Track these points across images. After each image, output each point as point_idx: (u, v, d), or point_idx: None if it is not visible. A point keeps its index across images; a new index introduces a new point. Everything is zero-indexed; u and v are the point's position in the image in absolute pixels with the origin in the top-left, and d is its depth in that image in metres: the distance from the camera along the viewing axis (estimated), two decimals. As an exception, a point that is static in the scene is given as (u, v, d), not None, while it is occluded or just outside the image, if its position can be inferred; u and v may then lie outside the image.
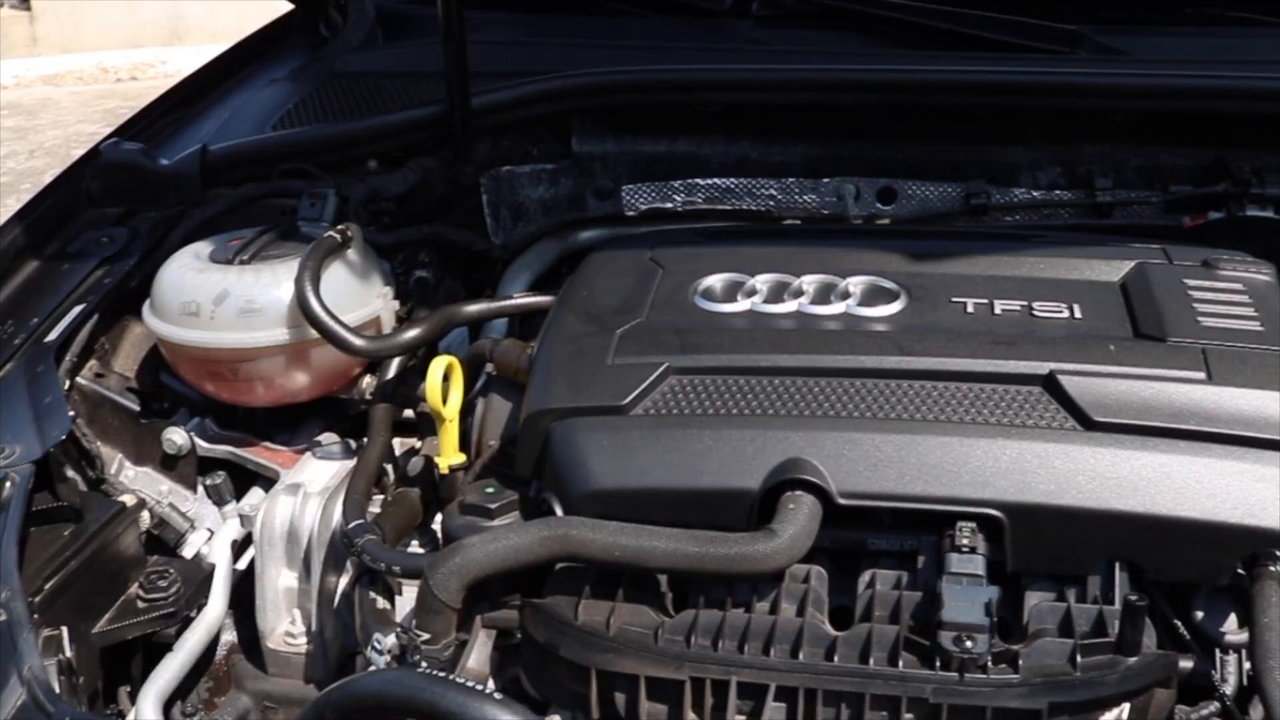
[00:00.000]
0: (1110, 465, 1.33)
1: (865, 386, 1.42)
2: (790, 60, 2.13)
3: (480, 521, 1.50)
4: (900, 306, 1.55)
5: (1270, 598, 1.29)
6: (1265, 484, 1.33)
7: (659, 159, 2.18)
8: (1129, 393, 1.38)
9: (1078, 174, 2.09)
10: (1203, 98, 2.01)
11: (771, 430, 1.38)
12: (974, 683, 1.25)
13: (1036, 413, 1.38)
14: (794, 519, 1.32)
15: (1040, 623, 1.32)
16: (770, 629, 1.31)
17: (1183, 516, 1.31)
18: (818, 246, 1.71)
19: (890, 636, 1.29)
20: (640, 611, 1.36)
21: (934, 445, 1.35)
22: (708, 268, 1.65)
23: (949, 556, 1.31)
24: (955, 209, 2.09)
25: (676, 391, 1.45)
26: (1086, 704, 1.26)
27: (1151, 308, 1.51)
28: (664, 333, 1.52)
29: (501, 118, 2.11)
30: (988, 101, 2.03)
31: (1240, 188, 2.01)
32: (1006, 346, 1.44)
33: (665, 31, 2.38)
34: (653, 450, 1.39)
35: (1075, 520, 1.32)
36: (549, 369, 1.52)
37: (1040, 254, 1.64)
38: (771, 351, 1.47)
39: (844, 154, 2.14)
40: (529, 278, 2.14)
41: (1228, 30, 2.30)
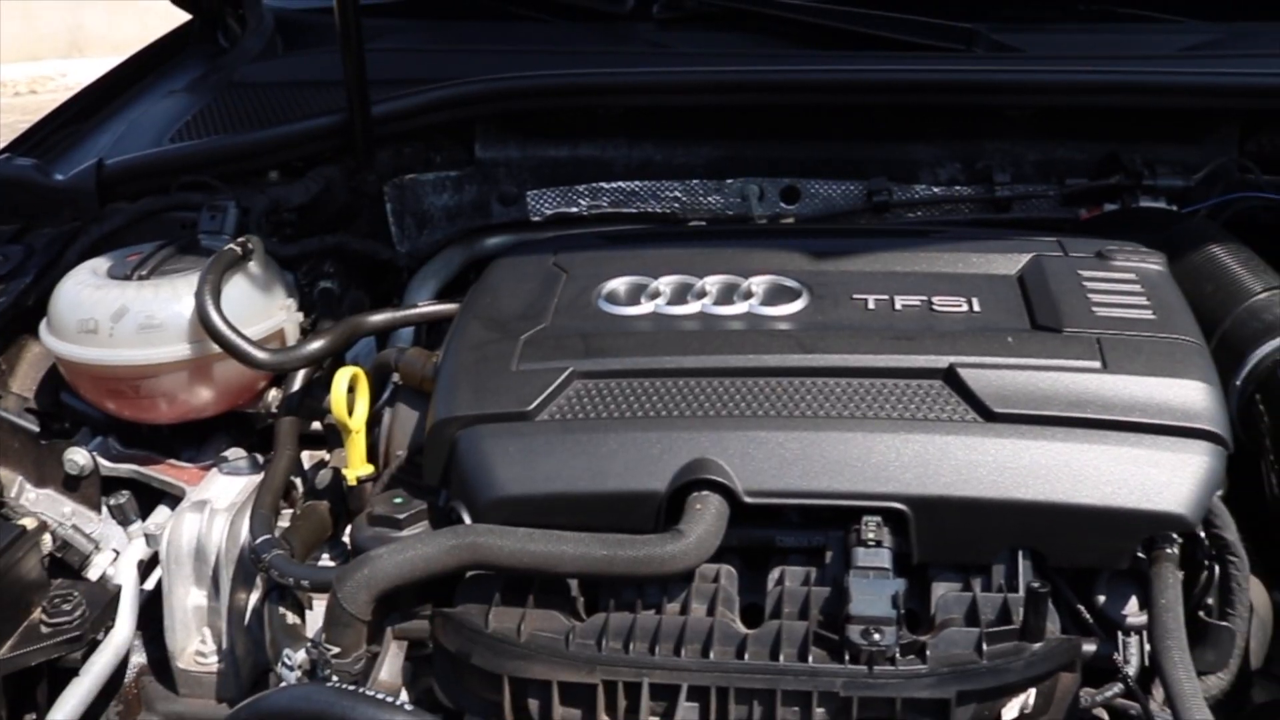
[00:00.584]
0: (1010, 455, 1.35)
1: (769, 385, 1.43)
2: (691, 62, 2.14)
3: (389, 532, 1.49)
4: (802, 305, 1.56)
5: (1167, 579, 1.33)
6: (1160, 469, 1.35)
7: (563, 164, 2.18)
8: (1027, 383, 1.40)
9: (977, 169, 2.13)
10: (1096, 92, 2.05)
11: (677, 431, 1.39)
12: (883, 675, 1.26)
13: (938, 406, 1.40)
14: (701, 519, 1.32)
15: (947, 613, 1.34)
16: (681, 629, 1.32)
17: (1082, 503, 1.34)
18: (721, 247, 1.71)
19: (800, 632, 1.30)
20: (551, 617, 1.36)
21: (838, 441, 1.37)
22: (611, 271, 1.65)
23: (855, 551, 1.32)
24: (858, 207, 2.12)
25: (581, 396, 1.45)
26: (993, 691, 1.28)
27: (1047, 299, 1.53)
28: (568, 337, 1.52)
29: (403, 125, 2.10)
30: (887, 100, 2.06)
31: (1133, 180, 2.06)
32: (907, 341, 1.46)
33: (567, 36, 2.38)
34: (559, 455, 1.39)
35: (978, 511, 1.34)
36: (453, 377, 1.51)
37: (939, 249, 1.66)
38: (675, 353, 1.47)
39: (747, 155, 2.16)
40: (435, 286, 2.13)
41: (1119, 26, 2.35)
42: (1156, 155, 2.10)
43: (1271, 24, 2.33)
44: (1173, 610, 1.30)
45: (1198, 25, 2.32)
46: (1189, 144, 2.12)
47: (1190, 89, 2.06)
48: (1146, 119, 2.12)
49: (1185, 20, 2.34)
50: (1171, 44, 2.24)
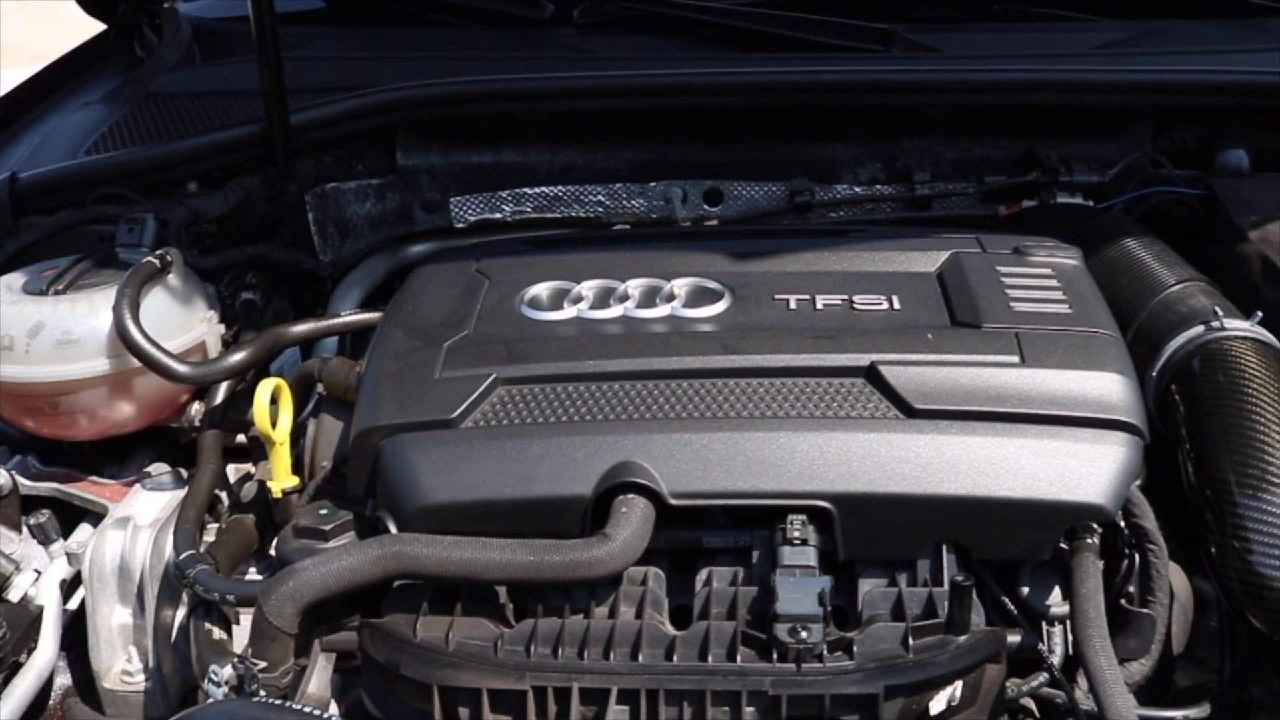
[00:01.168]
0: (932, 451, 1.36)
1: (693, 387, 1.44)
2: (613, 67, 2.14)
3: (315, 544, 1.47)
4: (725, 306, 1.57)
5: (1088, 569, 1.35)
6: (1079, 460, 1.38)
7: (486, 170, 2.18)
8: (947, 379, 1.42)
9: (897, 168, 2.15)
10: (1012, 90, 2.08)
11: (601, 435, 1.39)
12: (811, 672, 1.27)
13: (860, 404, 1.41)
14: (627, 522, 1.33)
15: (873, 609, 1.35)
16: (609, 633, 1.32)
17: (1004, 497, 1.35)
18: (644, 250, 1.72)
19: (728, 632, 1.31)
20: (479, 624, 1.36)
21: (762, 441, 1.37)
22: (534, 277, 1.65)
23: (781, 550, 1.33)
24: (781, 207, 2.13)
25: (505, 402, 1.44)
26: (920, 684, 1.29)
27: (966, 296, 1.55)
28: (491, 344, 1.52)
29: (323, 134, 2.09)
30: (807, 101, 2.07)
31: (1050, 176, 2.09)
32: (828, 340, 1.47)
33: (488, 42, 2.38)
34: (484, 462, 1.39)
35: (901, 506, 1.35)
36: (376, 386, 1.50)
37: (860, 249, 1.68)
38: (598, 357, 1.47)
39: (670, 158, 2.16)
40: (359, 294, 2.12)
41: (1034, 26, 2.39)
42: (1072, 152, 2.13)
43: (1181, 22, 2.37)
44: (1093, 599, 1.32)
45: (1109, 24, 2.36)
46: (1104, 140, 2.16)
47: (1104, 86, 2.10)
48: (1062, 116, 2.15)
49: (1097, 19, 2.37)
50: (1084, 42, 2.28)
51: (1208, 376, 1.57)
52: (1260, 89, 2.08)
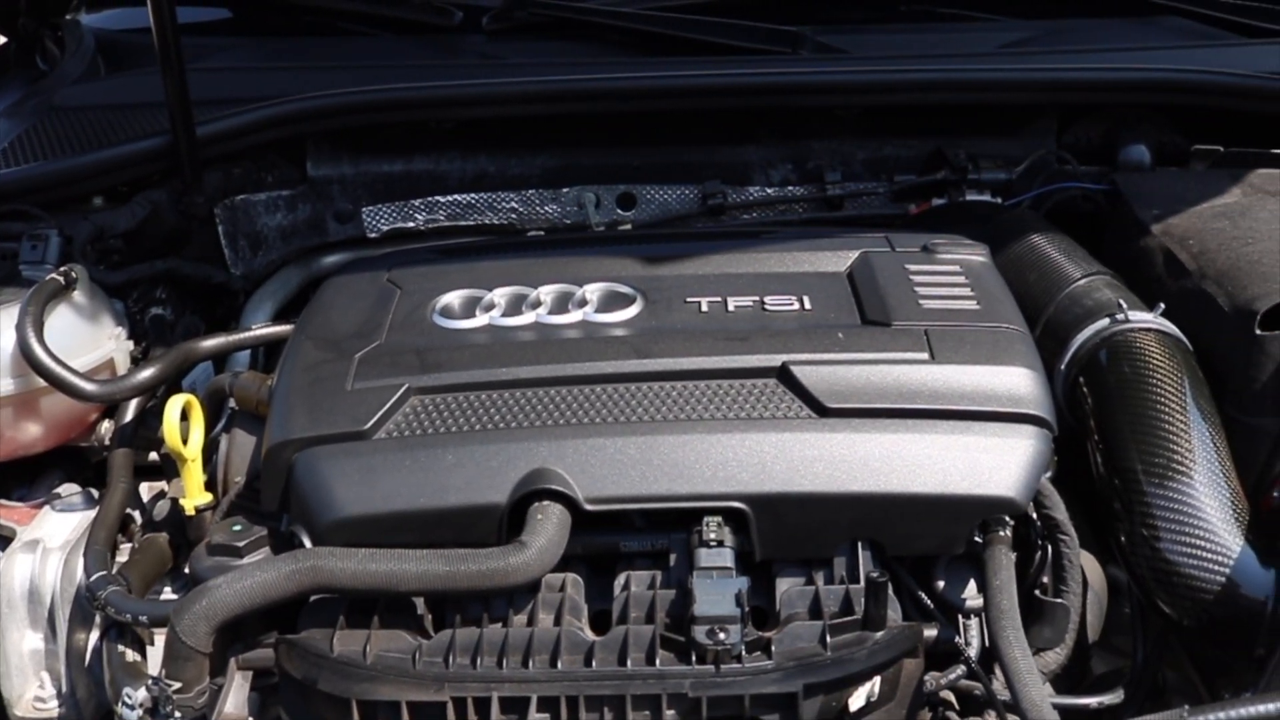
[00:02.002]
0: (845, 449, 1.38)
1: (606, 392, 1.44)
2: (522, 73, 2.13)
3: (229, 561, 1.46)
4: (637, 310, 1.57)
5: (1000, 562, 1.36)
6: (989, 454, 1.40)
7: (397, 179, 2.16)
8: (858, 378, 1.43)
9: (808, 169, 2.17)
10: (919, 90, 2.10)
11: (515, 443, 1.39)
12: (730, 673, 1.28)
13: (773, 404, 1.42)
14: (543, 529, 1.32)
15: (791, 608, 1.36)
16: (528, 641, 1.32)
17: (916, 492, 1.37)
18: (556, 257, 1.72)
19: (647, 636, 1.31)
20: (397, 636, 1.35)
21: (676, 444, 1.38)
22: (446, 285, 1.65)
23: (698, 552, 1.34)
24: (694, 210, 2.14)
25: (419, 412, 1.44)
26: (839, 681, 1.30)
27: (876, 294, 1.57)
28: (403, 354, 1.51)
29: (231, 146, 2.06)
30: (717, 104, 2.08)
31: (959, 174, 2.12)
32: (740, 342, 1.48)
33: (396, 50, 2.36)
34: (398, 473, 1.38)
35: (816, 505, 1.36)
36: (288, 399, 1.49)
37: (771, 250, 1.69)
38: (511, 364, 1.47)
39: (582, 163, 2.16)
40: (272, 307, 2.10)
41: (940, 26, 2.42)
42: (980, 150, 2.16)
43: (1082, 20, 2.41)
44: (1006, 591, 1.34)
45: (1013, 23, 2.39)
46: (1010, 138, 2.19)
47: (1008, 85, 2.13)
48: (969, 115, 2.18)
49: (1001, 19, 2.40)
50: (989, 42, 2.31)
51: (1114, 368, 1.60)
52: (1159, 85, 2.12)
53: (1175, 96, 2.14)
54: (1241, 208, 1.89)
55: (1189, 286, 1.75)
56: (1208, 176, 2.05)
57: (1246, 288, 1.66)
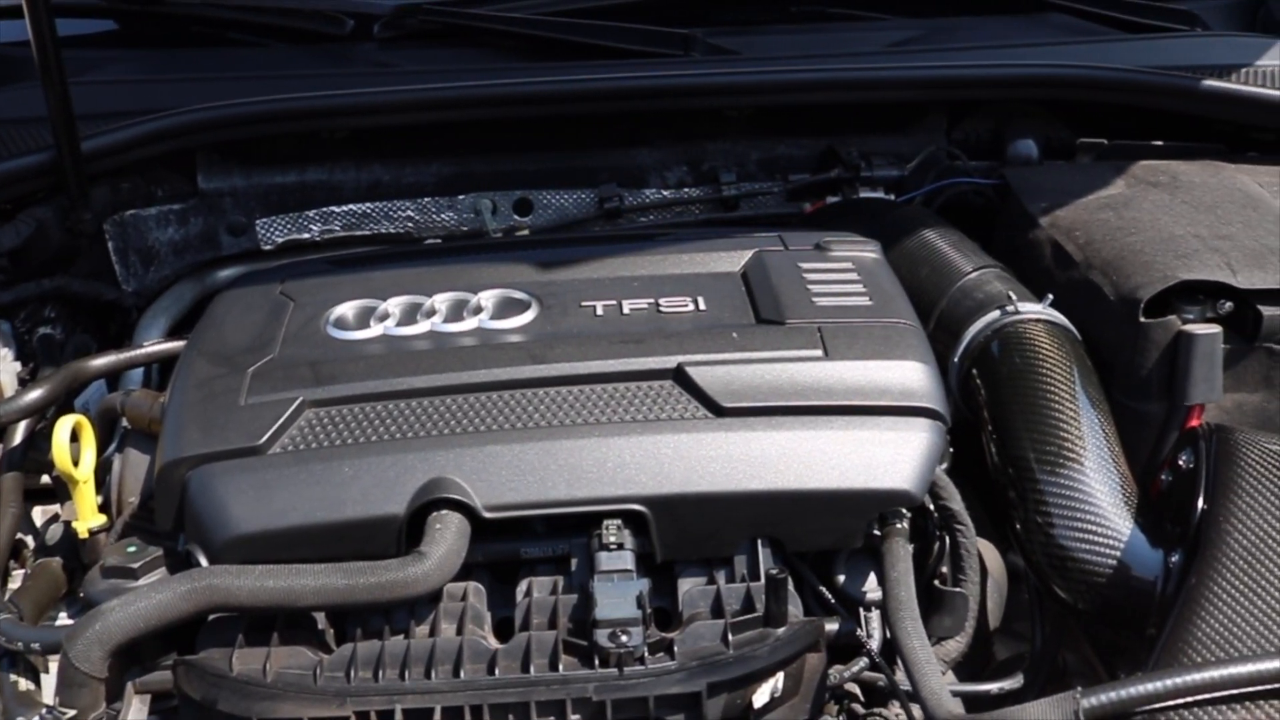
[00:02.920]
0: (741, 448, 1.38)
1: (502, 398, 1.43)
2: (415, 80, 2.12)
3: (124, 583, 1.43)
4: (532, 316, 1.57)
5: (898, 554, 1.38)
6: (884, 448, 1.41)
7: (291, 190, 2.14)
8: (753, 376, 1.44)
9: (703, 171, 2.18)
10: (810, 90, 2.12)
11: (412, 453, 1.38)
12: (633, 675, 1.27)
13: (669, 405, 1.42)
14: (442, 539, 1.32)
15: (693, 607, 1.36)
16: (430, 651, 1.30)
17: (813, 488, 1.38)
18: (451, 264, 1.71)
19: (549, 642, 1.30)
20: (297, 653, 1.33)
21: (573, 449, 1.38)
22: (339, 296, 1.63)
23: (598, 556, 1.34)
24: (591, 214, 2.14)
25: (314, 425, 1.42)
26: (742, 679, 1.30)
27: (770, 293, 1.58)
28: (297, 367, 1.49)
29: (118, 160, 2.02)
30: (609, 107, 2.09)
31: (852, 172, 2.14)
32: (636, 344, 1.48)
33: (287, 60, 2.33)
34: (294, 487, 1.37)
35: (714, 505, 1.37)
36: (180, 416, 1.46)
37: (665, 251, 1.70)
38: (406, 374, 1.46)
39: (478, 169, 2.16)
40: (166, 323, 2.06)
41: (829, 26, 2.44)
42: (871, 147, 2.19)
43: (969, 18, 2.45)
44: (904, 582, 1.36)
45: (902, 22, 2.42)
46: (901, 135, 2.22)
47: (898, 83, 2.15)
48: (860, 113, 2.21)
49: (890, 18, 2.44)
50: (878, 41, 2.34)
51: (1005, 359, 1.63)
52: (1045, 81, 2.16)
53: (1060, 92, 2.18)
54: (1125, 199, 1.93)
55: (1076, 277, 1.79)
56: (1093, 169, 2.10)
57: (1130, 277, 1.70)
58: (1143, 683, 1.18)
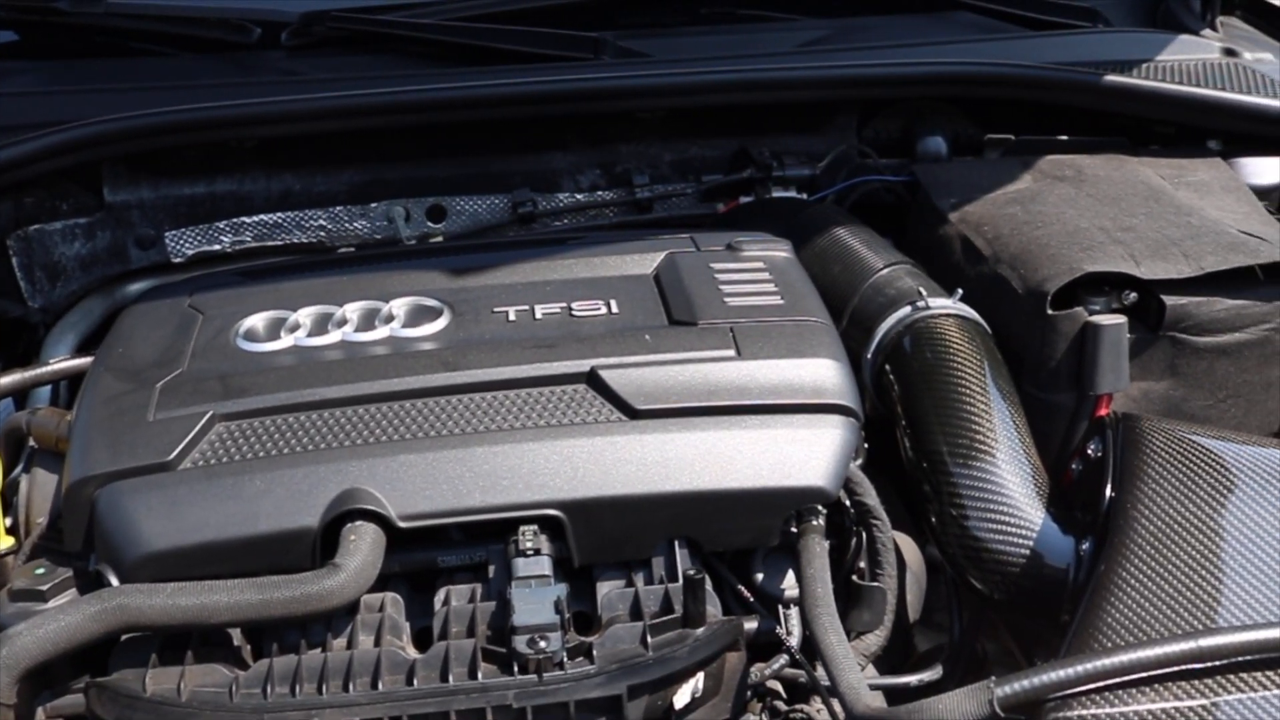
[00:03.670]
0: (656, 450, 1.39)
1: (415, 407, 1.43)
2: (324, 88, 2.10)
3: (33, 606, 1.40)
4: (444, 323, 1.56)
5: (814, 550, 1.39)
6: (798, 446, 1.42)
7: (200, 201, 2.11)
8: (666, 378, 1.45)
9: (616, 173, 2.19)
10: (720, 91, 2.13)
11: (325, 464, 1.37)
12: (553, 680, 1.27)
13: (583, 409, 1.42)
14: (357, 550, 1.31)
15: (612, 610, 1.36)
16: (347, 664, 1.29)
17: (728, 488, 1.39)
18: (362, 273, 1.70)
19: (468, 650, 1.30)
20: (213, 671, 1.31)
21: (487, 455, 1.37)
22: (249, 308, 1.61)
23: (515, 562, 1.33)
24: (505, 220, 2.14)
25: (225, 439, 1.40)
26: (662, 680, 1.30)
27: (682, 295, 1.59)
28: (207, 380, 1.47)
29: (20, 174, 1.98)
30: (520, 112, 2.08)
31: (764, 172, 2.15)
32: (548, 349, 1.48)
33: (193, 69, 2.30)
34: (205, 503, 1.35)
35: (630, 507, 1.37)
36: (87, 434, 1.44)
37: (577, 255, 1.69)
38: (318, 385, 1.45)
39: (389, 177, 2.14)
40: (75, 340, 2.03)
41: (739, 27, 2.45)
42: (783, 147, 2.20)
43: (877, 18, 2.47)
44: (820, 578, 1.36)
45: (811, 22, 2.44)
46: (812, 134, 2.23)
47: (808, 82, 2.17)
48: (771, 113, 2.22)
49: (799, 18, 2.45)
50: (788, 41, 2.35)
51: (917, 354, 1.65)
52: (953, 79, 2.19)
53: (968, 89, 2.21)
54: (1032, 193, 1.96)
55: (985, 271, 1.81)
56: (1000, 165, 2.13)
57: (1037, 270, 1.72)
58: (1054, 670, 1.20)
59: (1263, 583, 1.29)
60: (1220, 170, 2.07)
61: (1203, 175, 2.04)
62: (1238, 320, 1.73)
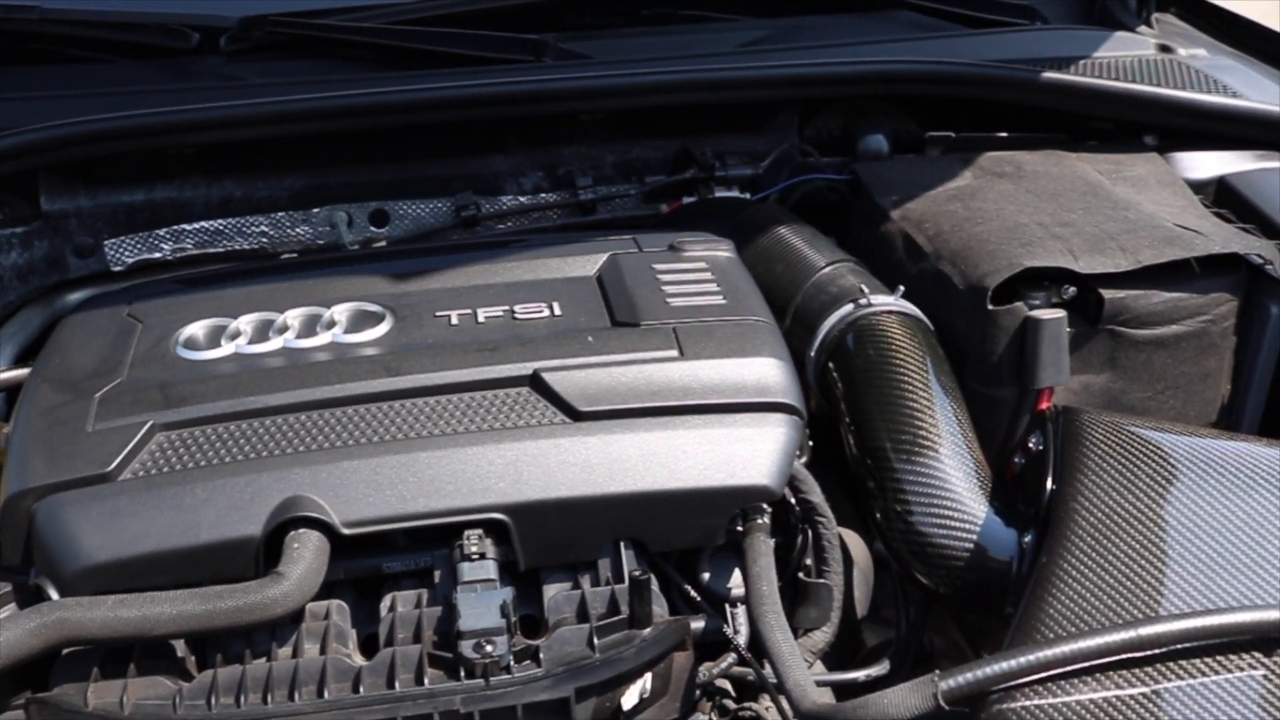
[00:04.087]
0: (600, 452, 1.39)
1: (358, 413, 1.42)
2: (264, 93, 2.08)
3: (-26, 623, 1.38)
4: (386, 328, 1.56)
5: (759, 549, 1.40)
6: (742, 445, 1.43)
7: (139, 209, 2.09)
8: (610, 379, 1.45)
9: (559, 175, 2.18)
10: (662, 92, 2.13)
11: (267, 472, 1.36)
12: (500, 684, 1.27)
13: (526, 413, 1.42)
14: (300, 558, 1.30)
15: (559, 613, 1.36)
16: (293, 673, 1.29)
17: (673, 488, 1.39)
18: (304, 279, 1.69)
19: (414, 656, 1.30)
20: (156, 683, 1.30)
21: (431, 460, 1.37)
22: (189, 316, 1.60)
23: (461, 566, 1.33)
24: (448, 224, 2.13)
25: (165, 449, 1.39)
26: (610, 682, 1.31)
27: (625, 296, 1.59)
28: (146, 390, 1.46)
29: (-46, 184, 1.96)
30: (462, 115, 2.07)
31: (706, 172, 2.16)
32: (491, 353, 1.48)
33: (131, 76, 2.27)
34: (146, 513, 1.34)
35: (575, 509, 1.37)
36: (25, 446, 1.42)
37: (520, 258, 1.69)
38: (259, 392, 1.44)
39: (331, 182, 2.13)
40: (13, 351, 2.00)
41: (681, 28, 2.45)
42: (725, 147, 2.21)
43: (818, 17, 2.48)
44: (765, 577, 1.37)
45: (752, 22, 2.44)
46: (754, 134, 2.24)
47: (749, 82, 2.17)
48: (713, 113, 2.23)
49: (741, 19, 2.46)
50: (729, 41, 2.35)
51: (860, 351, 1.66)
52: (892, 77, 2.20)
53: (907, 87, 2.23)
54: (972, 189, 1.98)
55: (926, 268, 1.82)
56: (941, 162, 2.14)
57: (977, 266, 1.74)
58: (997, 662, 1.21)
59: (1202, 571, 1.31)
60: (1157, 165, 2.10)
61: (1140, 170, 2.07)
62: (1175, 313, 1.75)
